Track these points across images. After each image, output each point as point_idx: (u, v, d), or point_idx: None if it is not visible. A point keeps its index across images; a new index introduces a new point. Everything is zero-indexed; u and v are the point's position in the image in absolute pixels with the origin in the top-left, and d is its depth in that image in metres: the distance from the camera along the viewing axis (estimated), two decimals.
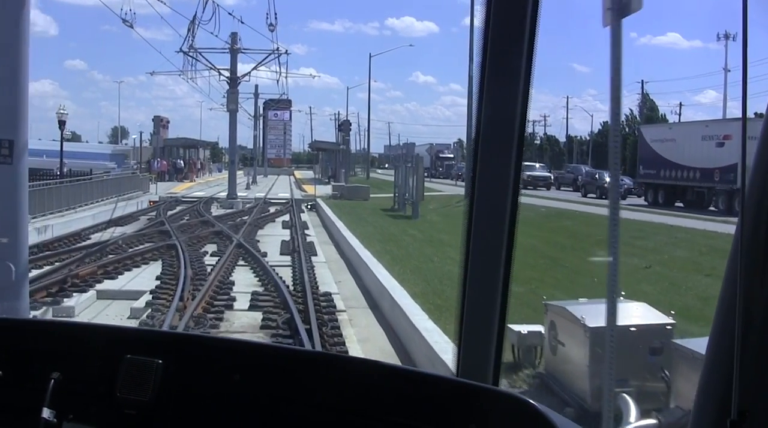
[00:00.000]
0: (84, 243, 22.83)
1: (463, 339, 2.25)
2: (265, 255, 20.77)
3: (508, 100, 2.07)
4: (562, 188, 68.46)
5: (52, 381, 1.96)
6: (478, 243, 2.18)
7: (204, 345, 2.25)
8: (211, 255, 20.52)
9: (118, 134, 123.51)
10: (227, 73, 43.40)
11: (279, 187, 63.03)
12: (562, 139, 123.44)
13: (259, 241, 24.36)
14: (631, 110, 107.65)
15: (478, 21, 2.12)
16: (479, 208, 2.16)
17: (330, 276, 18.17)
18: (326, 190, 52.36)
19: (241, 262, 19.50)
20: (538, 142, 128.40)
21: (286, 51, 46.29)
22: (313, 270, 18.23)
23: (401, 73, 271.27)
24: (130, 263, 18.60)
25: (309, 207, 42.79)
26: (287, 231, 28.04)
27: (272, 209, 39.46)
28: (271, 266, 18.15)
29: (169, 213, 35.83)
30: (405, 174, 35.33)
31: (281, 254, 21.62)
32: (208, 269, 17.74)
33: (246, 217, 33.21)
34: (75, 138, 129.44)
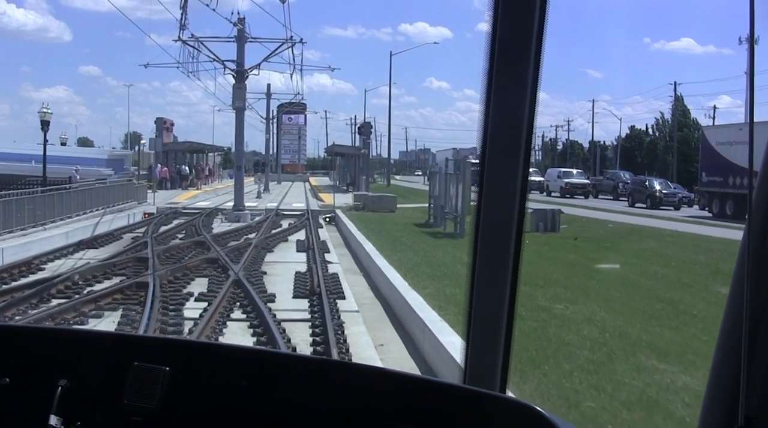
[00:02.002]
0: (29, 279, 16.86)
1: (471, 345, 2.19)
2: (272, 299, 14.85)
3: (515, 106, 2.04)
4: (600, 196, 62.65)
5: (60, 388, 1.96)
6: (485, 249, 2.15)
7: (211, 352, 2.20)
8: (197, 301, 14.56)
9: (128, 139, 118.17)
10: (233, 66, 37.45)
11: (293, 196, 57.11)
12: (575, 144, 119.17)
13: (265, 274, 18.38)
14: (662, 113, 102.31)
15: (485, 27, 2.05)
16: (487, 213, 2.12)
17: (367, 336, 12.27)
18: (346, 199, 46.36)
19: (236, 314, 13.50)
20: (560, 147, 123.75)
21: (301, 40, 40.25)
22: (343, 330, 12.29)
23: (415, 78, 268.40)
24: (72, 317, 12.63)
25: (327, 220, 36.97)
26: (303, 256, 22.05)
27: (285, 223, 33.52)
28: (279, 322, 12.29)
29: (162, 228, 29.99)
30: (446, 182, 29.28)
31: (295, 297, 15.58)
32: (186, 329, 11.85)
33: (253, 235, 27.29)
34: (88, 143, 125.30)
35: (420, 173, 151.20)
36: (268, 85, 73.39)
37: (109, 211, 34.79)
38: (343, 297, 15.33)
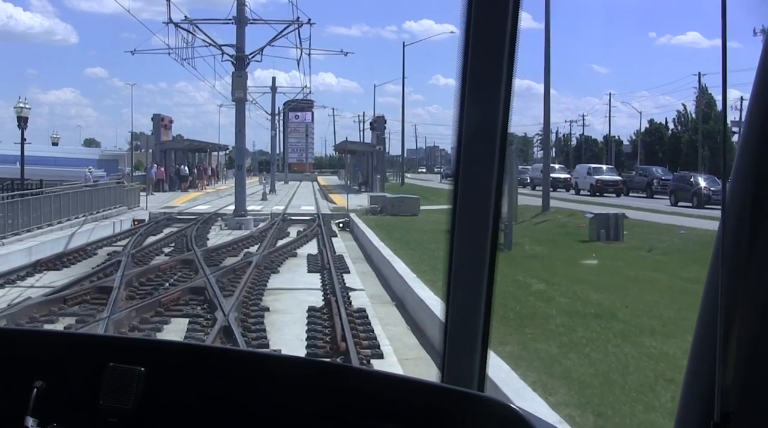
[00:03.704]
0: None
1: (448, 346, 2.12)
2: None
3: (490, 106, 2.00)
4: (631, 193, 57.75)
5: (35, 389, 1.93)
6: (461, 248, 2.09)
7: (187, 352, 2.16)
8: None
9: (132, 139, 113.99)
10: (232, 51, 32.66)
11: (301, 197, 52.45)
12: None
13: (267, 311, 13.58)
14: (684, 106, 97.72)
15: (459, 26, 1.99)
16: (462, 213, 2.06)
17: None
18: (359, 200, 41.63)
19: None
20: (574, 142, 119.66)
21: (309, 20, 35.26)
22: None
23: (422, 76, 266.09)
24: None
25: (341, 225, 32.29)
26: (317, 279, 17.35)
27: (293, 231, 28.82)
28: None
29: (149, 240, 25.36)
30: None
31: (311, 356, 10.77)
32: None
33: (254, 249, 22.60)
34: (94, 144, 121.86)
35: (424, 170, 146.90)
36: (273, 79, 68.97)
37: (92, 218, 30.19)
38: (381, 355, 10.61)
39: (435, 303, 12.41)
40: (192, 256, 19.42)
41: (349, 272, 18.45)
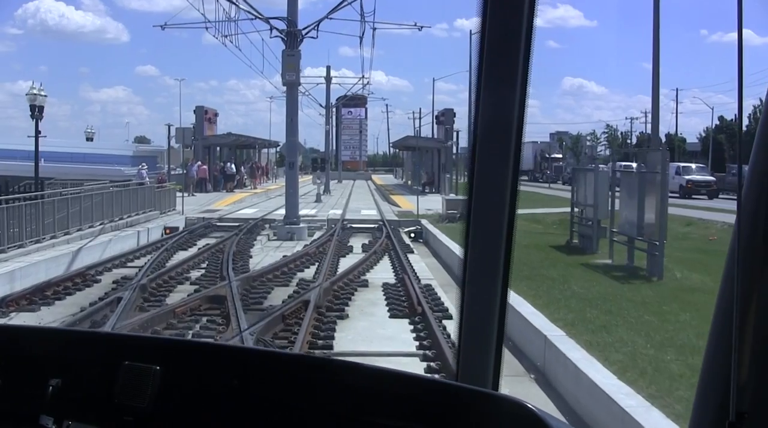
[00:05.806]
0: None
1: (463, 344, 2.07)
2: None
3: (505, 103, 1.94)
4: (720, 195, 51.59)
5: (51, 387, 1.90)
6: (476, 246, 2.01)
7: (202, 351, 2.10)
8: None
9: (174, 135, 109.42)
10: (282, 26, 27.11)
11: (359, 199, 46.87)
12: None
13: None
14: (761, 100, 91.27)
15: (475, 24, 1.96)
16: (477, 211, 1.98)
17: None
18: (428, 204, 35.81)
19: None
20: (633, 141, 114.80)
21: None
22: None
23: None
24: None
25: (412, 236, 26.64)
26: (405, 332, 11.68)
27: (356, 244, 23.19)
28: None
29: (177, 257, 19.93)
30: (611, 186, 18.65)
31: None
32: None
33: (310, 272, 17.03)
34: (145, 141, 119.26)
35: None
36: (328, 68, 63.51)
37: (112, 226, 24.91)
38: None
39: (608, 382, 6.97)
40: (225, 290, 13.77)
41: (449, 316, 12.66)
